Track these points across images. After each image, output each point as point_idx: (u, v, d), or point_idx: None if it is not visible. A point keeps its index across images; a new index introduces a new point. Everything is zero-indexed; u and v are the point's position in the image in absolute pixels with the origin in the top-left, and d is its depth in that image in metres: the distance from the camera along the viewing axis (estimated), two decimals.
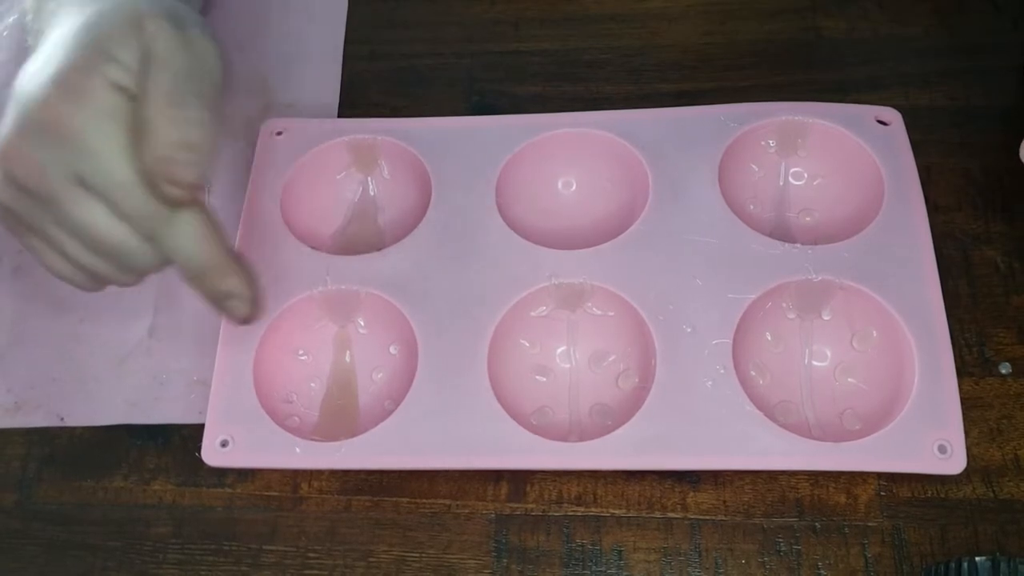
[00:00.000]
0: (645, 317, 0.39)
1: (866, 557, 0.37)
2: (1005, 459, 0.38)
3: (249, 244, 0.43)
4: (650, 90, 0.48)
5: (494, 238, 0.42)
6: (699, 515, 0.38)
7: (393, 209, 0.46)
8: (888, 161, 0.42)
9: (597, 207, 0.45)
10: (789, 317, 0.41)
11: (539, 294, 0.41)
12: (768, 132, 0.44)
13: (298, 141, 0.45)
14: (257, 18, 0.53)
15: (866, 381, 0.39)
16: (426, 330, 0.40)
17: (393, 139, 0.45)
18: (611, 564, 0.38)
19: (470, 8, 0.52)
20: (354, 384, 0.42)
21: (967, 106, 0.46)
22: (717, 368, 0.38)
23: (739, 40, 0.49)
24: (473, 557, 0.38)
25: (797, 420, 0.39)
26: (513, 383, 0.40)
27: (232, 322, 0.38)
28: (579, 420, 0.40)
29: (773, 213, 0.44)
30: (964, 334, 0.41)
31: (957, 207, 0.44)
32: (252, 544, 0.39)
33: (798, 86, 0.47)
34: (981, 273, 0.42)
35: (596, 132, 0.44)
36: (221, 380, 0.40)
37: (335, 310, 0.42)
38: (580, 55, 0.50)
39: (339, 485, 0.40)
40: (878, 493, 0.38)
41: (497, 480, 0.39)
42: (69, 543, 0.40)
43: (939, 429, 0.36)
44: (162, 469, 0.41)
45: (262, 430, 0.38)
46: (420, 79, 0.50)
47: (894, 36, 0.49)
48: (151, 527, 0.40)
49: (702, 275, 0.40)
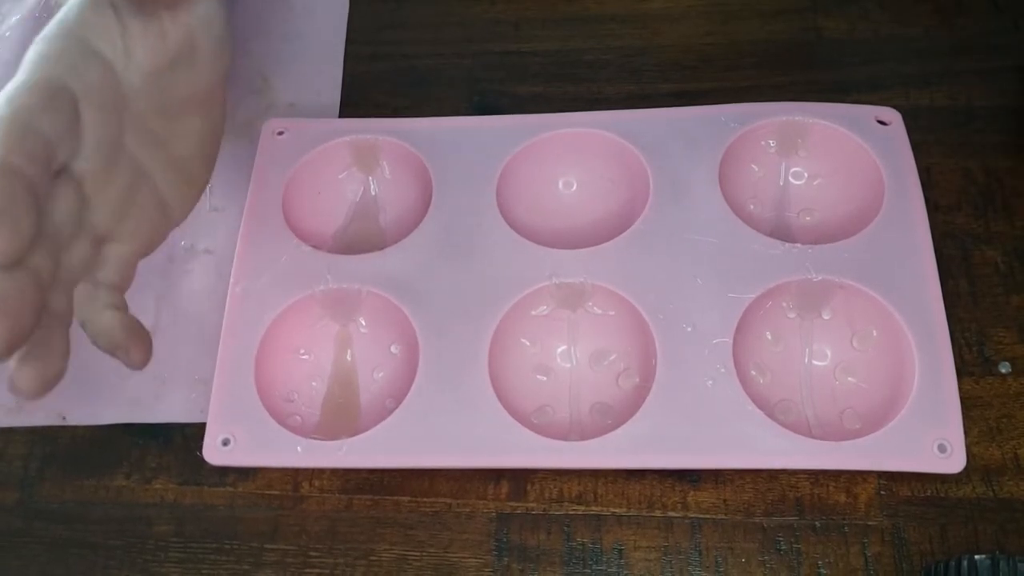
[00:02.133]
0: (646, 316, 0.39)
1: (866, 556, 0.37)
2: (1005, 458, 0.38)
3: (251, 243, 0.43)
4: (651, 90, 0.48)
5: (495, 238, 0.42)
6: (699, 514, 0.38)
7: (394, 209, 0.46)
8: (888, 161, 0.42)
9: (597, 207, 0.45)
10: (789, 316, 0.41)
11: (540, 293, 0.41)
12: (768, 132, 0.44)
13: (300, 141, 0.45)
14: (259, 18, 0.53)
15: (866, 380, 0.39)
16: (427, 329, 0.40)
17: (394, 139, 0.45)
18: (611, 563, 0.38)
19: (471, 8, 0.52)
20: (355, 383, 0.42)
21: (967, 106, 0.46)
22: (717, 367, 0.38)
23: (740, 40, 0.50)
24: (474, 556, 0.38)
25: (797, 419, 0.39)
26: (514, 382, 0.40)
27: None
28: (580, 419, 0.40)
29: (773, 213, 0.44)
30: (964, 334, 0.41)
31: (957, 207, 0.44)
32: (253, 543, 0.39)
33: (798, 86, 0.47)
34: (981, 273, 0.42)
35: (597, 132, 0.44)
36: (222, 379, 0.40)
37: (336, 309, 0.42)
38: (581, 55, 0.50)
39: (340, 484, 0.40)
40: (878, 492, 0.38)
41: (498, 479, 0.40)
42: (71, 542, 0.40)
43: (939, 428, 0.36)
44: (163, 468, 0.41)
45: (263, 429, 0.39)
46: (421, 79, 0.50)
47: (894, 36, 0.49)
48: (153, 526, 0.40)
49: (702, 275, 0.40)
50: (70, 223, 0.32)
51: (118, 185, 0.34)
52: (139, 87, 0.34)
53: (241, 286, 0.42)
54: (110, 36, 0.33)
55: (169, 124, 0.36)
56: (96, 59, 0.33)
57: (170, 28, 0.34)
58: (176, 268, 0.45)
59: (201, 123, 0.37)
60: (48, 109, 0.31)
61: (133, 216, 0.35)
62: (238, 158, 0.47)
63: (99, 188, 0.33)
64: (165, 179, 0.36)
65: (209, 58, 0.36)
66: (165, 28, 0.34)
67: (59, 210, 0.32)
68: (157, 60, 0.34)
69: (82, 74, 0.32)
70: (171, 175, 0.36)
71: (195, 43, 0.35)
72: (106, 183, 0.34)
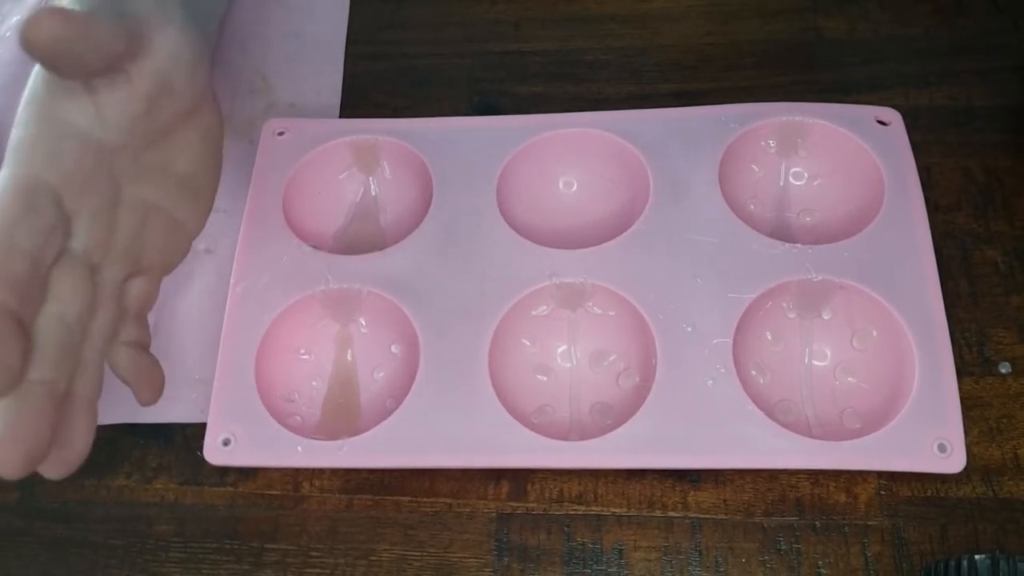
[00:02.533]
0: (646, 316, 0.39)
1: (866, 556, 0.37)
2: (1005, 458, 0.38)
3: (251, 244, 0.43)
4: (651, 90, 0.48)
5: (495, 238, 0.42)
6: (699, 514, 0.38)
7: (394, 209, 0.46)
8: (888, 161, 0.42)
9: (598, 207, 0.45)
10: (789, 316, 0.41)
11: (540, 293, 0.41)
12: (768, 132, 0.44)
13: (300, 141, 0.45)
14: (259, 18, 0.53)
15: (866, 380, 0.39)
16: (427, 329, 0.40)
17: (395, 139, 0.45)
18: (612, 563, 0.38)
19: (471, 8, 0.52)
20: (356, 383, 0.42)
21: (967, 106, 0.46)
22: (717, 367, 0.38)
23: (740, 40, 0.50)
24: (474, 556, 0.38)
25: (797, 419, 0.39)
26: (514, 382, 0.40)
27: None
28: (580, 419, 0.40)
29: (773, 213, 0.44)
30: (964, 334, 0.41)
31: (957, 207, 0.44)
32: (254, 542, 0.39)
33: (798, 86, 0.47)
34: (981, 273, 0.42)
35: (597, 132, 0.44)
36: (223, 379, 0.40)
37: (337, 309, 0.42)
38: (581, 55, 0.50)
39: (340, 484, 0.40)
40: (878, 492, 0.38)
41: (498, 479, 0.40)
42: (71, 541, 0.40)
43: (939, 428, 0.36)
44: (164, 468, 0.41)
45: (264, 429, 0.39)
46: (421, 79, 0.50)
47: (894, 36, 0.49)
48: (153, 525, 0.40)
49: (702, 275, 0.40)
50: (84, 311, 0.32)
51: (127, 232, 0.34)
52: (121, 139, 0.34)
53: (241, 286, 0.42)
54: (80, 104, 0.32)
55: (163, 148, 0.35)
56: (71, 138, 0.32)
57: (136, 75, 0.33)
58: (176, 268, 0.45)
59: (196, 132, 0.37)
60: (27, 216, 0.30)
61: (149, 248, 0.35)
62: (238, 158, 0.47)
63: (107, 249, 0.33)
64: (174, 200, 0.36)
65: (186, 83, 0.35)
66: (131, 76, 0.33)
67: (67, 308, 0.32)
68: (132, 109, 0.33)
69: (59, 160, 0.32)
70: (178, 193, 0.36)
71: (166, 78, 0.34)
72: (112, 239, 0.34)
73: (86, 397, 0.33)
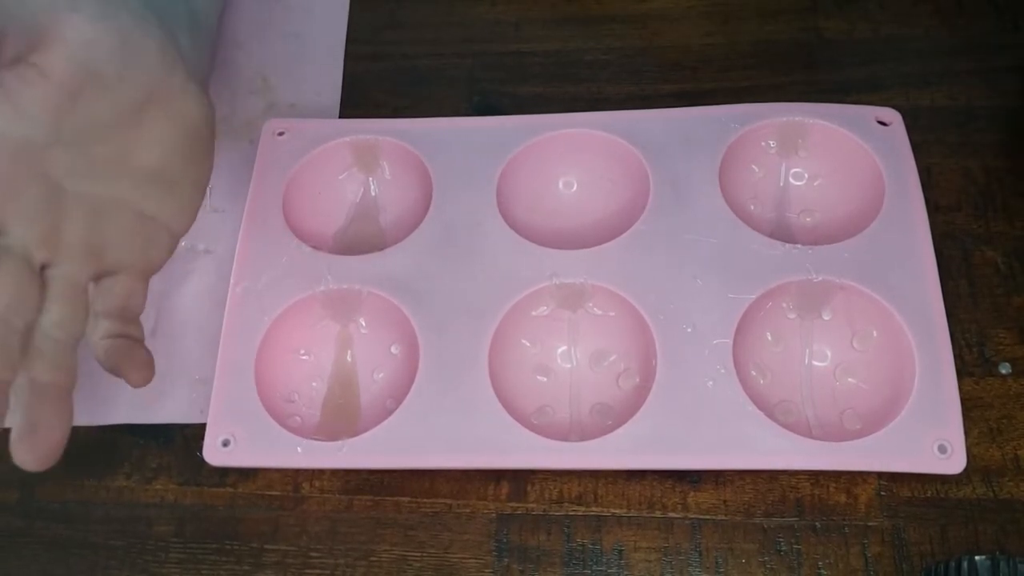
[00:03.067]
0: (646, 317, 0.39)
1: (866, 556, 0.37)
2: (1005, 459, 0.38)
3: (251, 244, 0.43)
4: (651, 91, 0.48)
5: (495, 238, 0.42)
6: (699, 515, 0.38)
7: (394, 209, 0.46)
8: (888, 161, 0.42)
9: (598, 207, 0.45)
10: (789, 317, 0.41)
11: (540, 294, 0.41)
12: (769, 133, 0.44)
13: (300, 141, 0.45)
14: (258, 18, 0.53)
15: (866, 381, 0.39)
16: (427, 330, 0.40)
17: (394, 139, 0.45)
18: (612, 563, 0.38)
19: (471, 8, 0.52)
20: (355, 383, 0.42)
21: (967, 106, 0.46)
22: (717, 368, 0.38)
23: (740, 41, 0.50)
24: (474, 556, 0.38)
25: (797, 420, 0.39)
26: (514, 383, 0.40)
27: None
28: (580, 420, 0.40)
29: (774, 213, 0.44)
30: (964, 334, 0.41)
31: (957, 207, 0.44)
32: (254, 543, 0.39)
33: (798, 86, 0.47)
34: (981, 273, 0.42)
35: (597, 132, 0.44)
36: (223, 379, 0.40)
37: (337, 310, 0.42)
38: (581, 55, 0.50)
39: (340, 484, 0.40)
40: (878, 493, 0.38)
41: (498, 480, 0.40)
42: (71, 541, 0.40)
43: (939, 429, 0.36)
44: (164, 468, 0.41)
45: (264, 429, 0.39)
46: (421, 79, 0.50)
47: (894, 36, 0.49)
48: (153, 526, 0.40)
49: (703, 275, 0.40)
50: (17, 303, 0.32)
51: (78, 229, 0.34)
52: (50, 135, 0.32)
53: (241, 286, 0.42)
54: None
55: (118, 141, 0.34)
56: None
57: (48, 67, 0.31)
58: (176, 268, 0.45)
59: (167, 123, 0.35)
60: None
61: (114, 246, 0.35)
62: (238, 158, 0.47)
63: (55, 246, 0.33)
64: (141, 195, 0.35)
65: (122, 71, 0.33)
66: (43, 69, 0.31)
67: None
68: (52, 102, 0.32)
69: None
70: (146, 188, 0.35)
71: (88, 67, 0.32)
72: (58, 237, 0.33)
73: (51, 384, 0.33)
